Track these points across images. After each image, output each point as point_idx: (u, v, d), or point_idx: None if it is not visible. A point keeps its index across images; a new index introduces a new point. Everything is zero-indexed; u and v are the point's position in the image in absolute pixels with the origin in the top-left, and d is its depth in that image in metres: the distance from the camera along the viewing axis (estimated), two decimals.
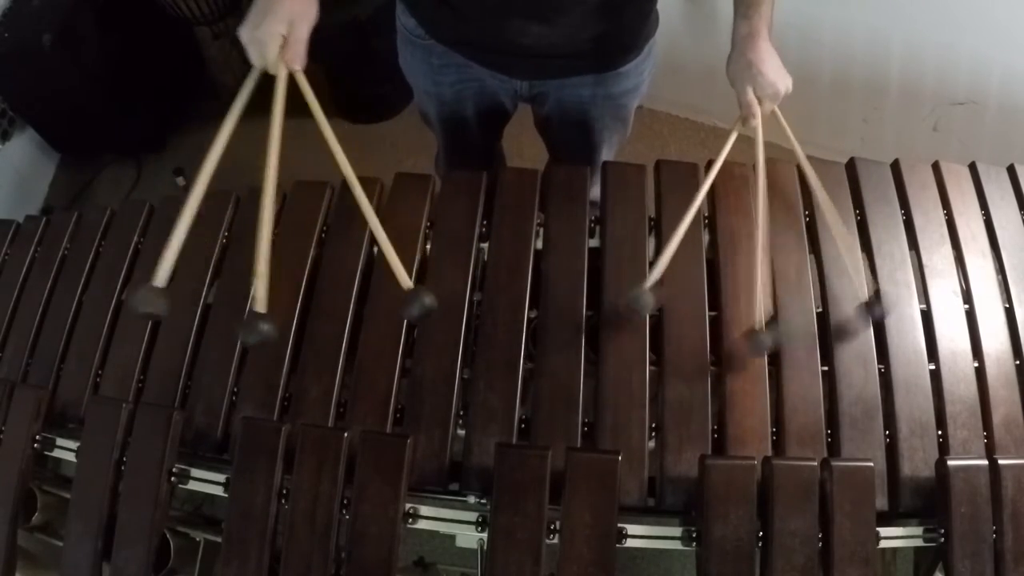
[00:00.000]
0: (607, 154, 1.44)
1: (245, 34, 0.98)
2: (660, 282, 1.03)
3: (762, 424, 1.00)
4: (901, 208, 1.18)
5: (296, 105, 1.00)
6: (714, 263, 1.12)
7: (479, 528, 0.93)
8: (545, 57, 1.18)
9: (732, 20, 1.12)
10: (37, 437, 1.05)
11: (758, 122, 1.11)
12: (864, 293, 1.06)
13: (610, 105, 1.30)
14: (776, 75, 1.09)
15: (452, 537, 0.97)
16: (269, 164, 0.96)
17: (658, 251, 1.13)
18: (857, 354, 1.05)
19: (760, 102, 1.10)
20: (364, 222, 1.14)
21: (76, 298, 1.19)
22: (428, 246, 1.14)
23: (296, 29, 0.98)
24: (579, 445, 0.98)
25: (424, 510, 0.94)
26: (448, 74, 1.27)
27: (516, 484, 0.91)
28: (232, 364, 1.08)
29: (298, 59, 0.99)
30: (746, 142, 1.13)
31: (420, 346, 1.06)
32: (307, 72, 1.01)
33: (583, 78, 1.24)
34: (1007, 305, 1.10)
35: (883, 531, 0.91)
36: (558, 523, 0.89)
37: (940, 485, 0.93)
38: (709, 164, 1.15)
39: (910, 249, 1.14)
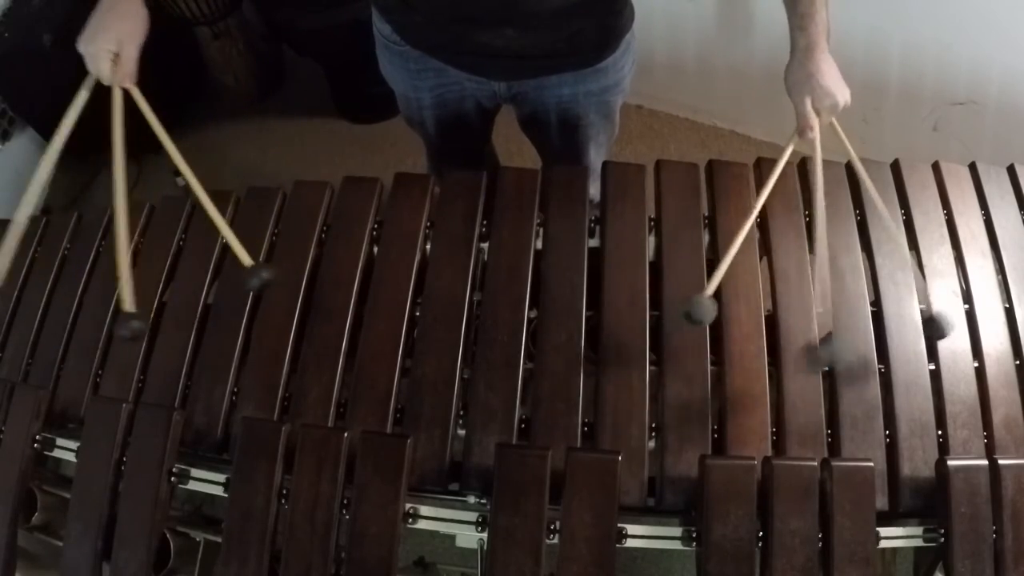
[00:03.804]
0: (596, 154, 1.41)
1: (81, 47, 1.07)
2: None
3: (762, 424, 1.00)
4: (901, 208, 1.18)
5: (298, 107, 1.00)
6: (713, 263, 1.11)
7: (479, 528, 0.93)
8: (520, 58, 1.17)
9: (788, 32, 1.10)
10: (37, 437, 1.05)
11: (816, 134, 1.09)
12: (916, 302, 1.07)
13: (593, 102, 1.29)
14: (835, 86, 1.08)
15: (452, 537, 0.97)
16: (116, 176, 1.09)
17: (659, 252, 1.13)
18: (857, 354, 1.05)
19: (818, 114, 1.09)
20: (365, 222, 1.15)
21: (76, 298, 1.19)
22: (428, 246, 1.14)
23: (124, 48, 1.07)
24: (579, 445, 0.98)
25: (424, 510, 0.94)
26: (426, 79, 1.27)
27: (516, 484, 0.91)
28: (232, 364, 1.08)
29: (128, 77, 1.08)
30: (742, 141, 1.12)
31: (420, 346, 1.06)
32: (307, 71, 1.02)
33: (562, 76, 1.23)
34: (1007, 305, 1.10)
35: (883, 531, 0.91)
36: (558, 523, 0.89)
37: (940, 485, 0.93)
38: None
39: (910, 249, 1.14)
